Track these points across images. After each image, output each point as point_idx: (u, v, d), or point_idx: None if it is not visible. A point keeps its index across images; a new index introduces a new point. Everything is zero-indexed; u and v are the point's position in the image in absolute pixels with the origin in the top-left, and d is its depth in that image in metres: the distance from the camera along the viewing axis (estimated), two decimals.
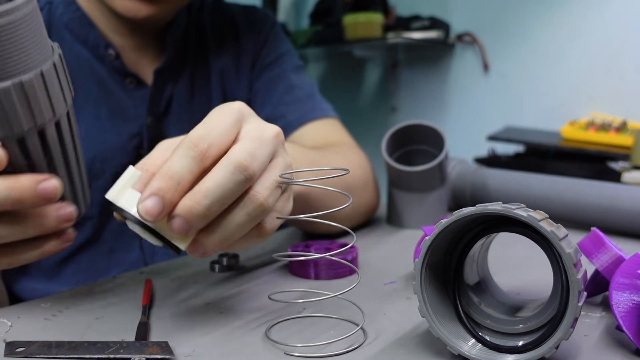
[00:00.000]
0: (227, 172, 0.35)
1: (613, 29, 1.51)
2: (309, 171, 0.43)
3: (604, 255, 0.40)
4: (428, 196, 0.70)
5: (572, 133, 1.15)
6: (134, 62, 0.73)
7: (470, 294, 0.37)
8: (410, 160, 0.74)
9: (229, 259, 0.54)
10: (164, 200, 0.34)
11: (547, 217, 0.34)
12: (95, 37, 0.69)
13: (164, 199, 0.34)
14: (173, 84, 0.75)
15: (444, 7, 1.80)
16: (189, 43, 0.78)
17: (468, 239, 0.37)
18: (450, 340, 0.34)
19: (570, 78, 1.59)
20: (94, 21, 0.69)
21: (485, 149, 1.26)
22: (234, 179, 0.35)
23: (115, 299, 0.46)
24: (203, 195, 0.35)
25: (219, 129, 0.37)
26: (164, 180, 0.35)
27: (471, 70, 1.79)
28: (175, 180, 0.35)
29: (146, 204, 0.34)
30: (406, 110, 1.95)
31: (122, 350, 0.35)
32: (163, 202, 0.34)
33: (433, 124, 0.70)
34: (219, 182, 0.35)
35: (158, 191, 0.34)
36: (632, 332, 0.35)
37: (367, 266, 0.55)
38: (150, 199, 0.34)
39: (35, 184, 0.37)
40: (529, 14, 1.65)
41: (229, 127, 0.37)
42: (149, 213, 0.34)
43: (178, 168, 0.35)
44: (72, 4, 0.69)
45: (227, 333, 0.39)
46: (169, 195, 0.35)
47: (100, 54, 0.70)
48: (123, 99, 0.71)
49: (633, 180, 0.82)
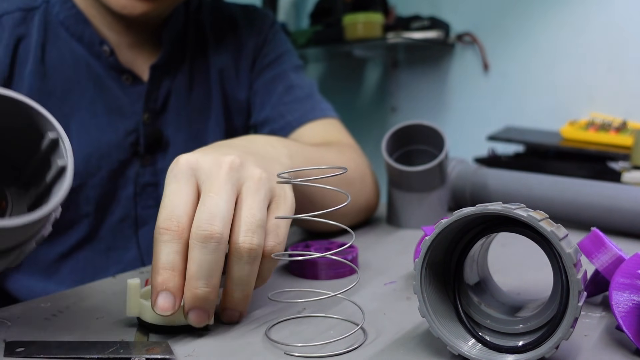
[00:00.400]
0: (199, 248, 0.37)
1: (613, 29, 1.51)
2: (307, 170, 0.43)
3: (604, 255, 0.40)
4: (428, 196, 0.70)
5: (572, 133, 1.15)
6: (129, 58, 0.73)
7: (470, 294, 0.37)
8: (410, 160, 0.74)
9: None
10: (170, 289, 0.37)
11: (547, 217, 0.34)
12: (91, 35, 0.69)
13: (170, 289, 0.37)
14: (170, 80, 0.75)
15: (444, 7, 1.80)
16: (187, 41, 0.78)
17: (468, 239, 0.37)
18: (450, 340, 0.34)
19: (570, 78, 1.59)
20: (90, 18, 0.69)
21: (485, 149, 1.26)
22: (208, 250, 0.37)
23: (115, 299, 0.46)
24: (195, 279, 0.37)
25: (180, 201, 0.38)
26: (159, 274, 0.37)
27: (471, 70, 1.79)
28: (168, 268, 0.37)
29: (158, 302, 0.37)
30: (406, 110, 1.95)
31: (122, 350, 0.35)
32: (171, 292, 0.37)
33: (433, 124, 0.70)
34: (198, 262, 0.37)
35: (161, 285, 0.37)
36: (632, 332, 0.35)
37: (367, 266, 0.55)
38: (159, 296, 0.37)
39: None
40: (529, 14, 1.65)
41: (187, 193, 0.39)
42: (165, 309, 0.37)
43: (164, 257, 0.37)
44: (68, 2, 0.69)
45: (227, 333, 0.39)
46: (172, 283, 0.37)
47: (96, 51, 0.70)
48: (119, 96, 0.71)
49: (633, 180, 0.82)
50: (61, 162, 0.32)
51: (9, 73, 0.65)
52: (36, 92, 0.67)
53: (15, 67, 0.66)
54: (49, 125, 0.32)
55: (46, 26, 0.68)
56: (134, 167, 0.73)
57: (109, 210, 0.73)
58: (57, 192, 0.31)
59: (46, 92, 0.67)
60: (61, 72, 0.68)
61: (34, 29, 0.67)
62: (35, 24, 0.67)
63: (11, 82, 0.66)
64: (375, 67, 2.02)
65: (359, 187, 0.68)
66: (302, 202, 0.53)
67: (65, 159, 0.32)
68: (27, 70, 0.66)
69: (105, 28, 0.70)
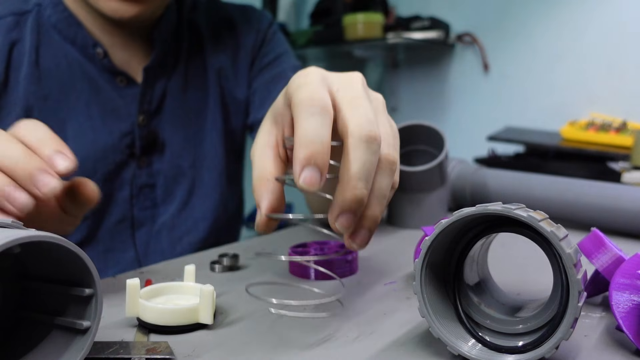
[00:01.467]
0: (363, 148, 0.35)
1: (613, 29, 1.51)
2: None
3: (604, 256, 0.40)
4: (428, 196, 0.70)
5: (572, 133, 1.15)
6: (123, 60, 0.73)
7: (470, 294, 0.37)
8: (410, 160, 0.74)
9: (230, 259, 0.54)
10: (318, 164, 0.34)
11: (547, 218, 0.34)
12: (84, 37, 0.69)
13: (318, 164, 0.34)
14: (165, 81, 0.75)
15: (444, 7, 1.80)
16: (181, 41, 0.78)
17: (468, 239, 0.37)
18: (450, 340, 0.34)
19: (570, 78, 1.59)
20: (82, 21, 0.69)
21: (485, 149, 1.26)
22: (371, 151, 0.35)
23: (115, 299, 0.46)
24: (357, 179, 0.35)
25: (322, 90, 0.37)
26: (307, 147, 0.34)
27: (471, 71, 1.79)
28: (318, 142, 0.34)
29: (304, 175, 0.34)
30: (406, 110, 1.95)
31: (122, 350, 0.35)
32: (319, 167, 0.34)
33: (433, 124, 0.70)
34: (362, 161, 0.35)
35: (310, 159, 0.34)
36: (632, 332, 0.35)
37: (367, 266, 0.55)
38: (306, 170, 0.34)
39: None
40: (529, 14, 1.65)
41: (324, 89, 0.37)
42: (312, 183, 0.34)
43: (313, 129, 0.34)
44: (59, 5, 0.69)
45: (227, 333, 0.39)
46: (320, 158, 0.34)
47: (89, 54, 0.70)
48: (114, 98, 0.71)
49: (633, 181, 0.82)
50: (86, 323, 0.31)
51: (4, 78, 0.65)
52: (32, 96, 0.67)
53: (10, 72, 0.66)
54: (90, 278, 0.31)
55: (39, 29, 0.68)
56: (130, 169, 0.73)
57: (106, 212, 0.73)
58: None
59: (42, 96, 0.67)
60: (56, 76, 0.68)
61: (27, 33, 0.67)
62: (28, 28, 0.67)
63: (7, 87, 0.66)
64: (375, 67, 2.02)
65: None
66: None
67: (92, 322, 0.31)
68: (23, 75, 0.66)
69: (97, 30, 0.70)
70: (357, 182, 0.35)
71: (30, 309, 0.34)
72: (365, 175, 0.35)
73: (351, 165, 0.35)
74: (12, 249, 0.28)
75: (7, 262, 0.33)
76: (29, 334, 0.33)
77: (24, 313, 0.34)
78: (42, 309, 0.33)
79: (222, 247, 0.64)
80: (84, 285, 0.31)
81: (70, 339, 0.32)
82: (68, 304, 0.32)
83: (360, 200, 0.35)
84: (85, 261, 0.30)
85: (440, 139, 0.70)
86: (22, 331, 0.34)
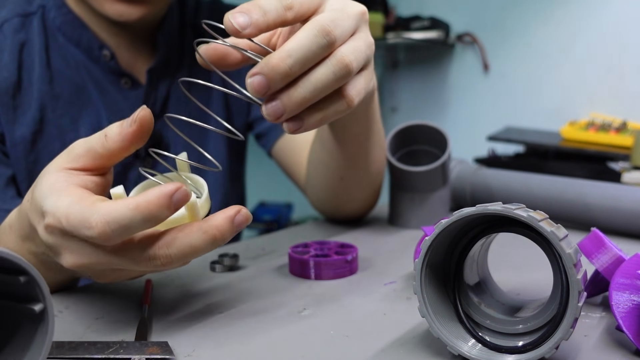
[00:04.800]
0: (310, 34, 0.36)
1: (613, 29, 1.51)
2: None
3: (604, 256, 0.40)
4: (430, 196, 0.70)
5: (572, 133, 1.15)
6: (129, 62, 0.73)
7: (470, 294, 0.37)
8: (412, 160, 0.74)
9: (230, 259, 0.54)
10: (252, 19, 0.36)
11: (547, 218, 0.34)
12: (89, 39, 0.69)
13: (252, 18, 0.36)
14: (168, 83, 0.75)
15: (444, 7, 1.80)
16: (185, 43, 0.78)
17: (468, 239, 0.37)
18: (450, 340, 0.34)
19: (570, 78, 1.59)
20: (87, 23, 0.69)
21: (485, 149, 1.26)
22: (317, 41, 0.36)
23: (115, 299, 0.46)
24: (287, 54, 0.36)
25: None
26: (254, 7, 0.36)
27: (471, 71, 1.79)
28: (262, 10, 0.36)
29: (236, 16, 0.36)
30: (406, 110, 1.95)
31: (122, 350, 0.35)
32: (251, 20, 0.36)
33: (436, 125, 0.70)
34: (302, 43, 0.36)
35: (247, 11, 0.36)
36: (632, 332, 0.35)
37: (367, 266, 0.55)
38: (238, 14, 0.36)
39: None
40: (529, 14, 1.66)
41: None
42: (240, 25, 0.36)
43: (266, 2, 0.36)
44: (63, 7, 0.69)
45: (227, 333, 0.39)
46: (256, 16, 0.36)
47: (95, 55, 0.70)
48: (119, 100, 0.71)
49: (633, 181, 0.82)
50: (38, 306, 0.30)
51: (17, 78, 0.66)
52: (46, 95, 0.67)
53: (22, 73, 0.66)
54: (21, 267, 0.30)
55: (46, 31, 0.68)
56: (135, 169, 0.73)
57: None
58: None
59: (54, 96, 0.68)
60: (66, 76, 0.69)
61: (34, 34, 0.68)
62: (35, 29, 0.68)
63: (20, 87, 0.66)
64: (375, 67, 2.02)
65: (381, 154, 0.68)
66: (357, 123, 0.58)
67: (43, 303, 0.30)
68: (36, 75, 0.67)
69: (103, 32, 0.70)
70: (285, 56, 0.36)
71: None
72: (298, 55, 0.36)
73: (289, 42, 0.36)
74: None
75: None
76: (1, 329, 0.33)
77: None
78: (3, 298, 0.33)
79: (222, 247, 0.64)
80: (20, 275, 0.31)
81: (35, 328, 0.31)
82: (21, 293, 0.32)
83: (280, 72, 0.36)
84: (5, 255, 0.29)
85: (443, 139, 0.70)
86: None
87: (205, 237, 0.35)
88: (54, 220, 0.35)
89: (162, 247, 0.35)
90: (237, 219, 0.36)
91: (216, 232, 0.35)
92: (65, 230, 0.35)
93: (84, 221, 0.34)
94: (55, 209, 0.35)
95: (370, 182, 0.69)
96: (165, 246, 0.35)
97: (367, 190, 0.70)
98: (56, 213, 0.35)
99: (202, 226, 0.35)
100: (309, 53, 0.36)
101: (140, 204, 0.33)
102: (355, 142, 0.61)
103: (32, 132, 0.66)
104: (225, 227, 0.35)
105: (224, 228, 0.35)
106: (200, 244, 0.35)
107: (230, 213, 0.35)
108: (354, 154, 0.63)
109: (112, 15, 0.65)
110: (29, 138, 0.66)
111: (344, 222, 0.74)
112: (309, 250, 0.54)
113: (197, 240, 0.35)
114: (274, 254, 0.60)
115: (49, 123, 0.67)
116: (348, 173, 0.65)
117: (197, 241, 0.35)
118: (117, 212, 0.33)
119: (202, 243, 0.35)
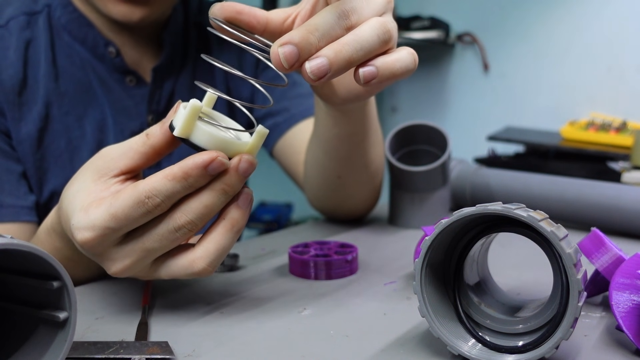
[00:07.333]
0: (332, 14, 0.38)
1: (613, 29, 1.51)
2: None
3: (604, 256, 0.40)
4: (430, 196, 0.70)
5: (572, 133, 1.15)
6: (135, 59, 0.73)
7: (470, 294, 0.37)
8: (410, 160, 0.74)
9: (230, 259, 0.54)
10: (299, 47, 0.37)
11: (547, 217, 0.34)
12: (94, 37, 0.69)
13: (299, 47, 0.37)
14: (173, 81, 0.75)
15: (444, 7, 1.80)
16: (189, 42, 0.78)
17: (468, 239, 0.37)
18: (450, 340, 0.34)
19: (570, 78, 1.59)
20: (92, 22, 0.70)
21: (485, 149, 1.26)
22: (339, 22, 0.38)
23: (115, 299, 0.46)
24: (314, 27, 0.37)
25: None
26: (302, 31, 0.37)
27: (471, 70, 1.79)
28: (318, 32, 0.37)
29: (285, 49, 0.37)
30: (406, 110, 1.95)
31: (122, 350, 0.35)
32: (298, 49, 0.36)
33: (436, 124, 0.70)
34: (325, 20, 0.37)
35: (297, 41, 0.36)
36: (632, 332, 0.35)
37: (367, 266, 0.55)
38: (286, 46, 0.36)
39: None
40: (529, 14, 1.66)
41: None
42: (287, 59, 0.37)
43: (321, 21, 0.37)
44: (69, 5, 0.69)
45: (227, 333, 0.39)
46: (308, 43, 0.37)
47: (100, 53, 0.70)
48: (124, 98, 0.72)
49: (633, 181, 0.82)
50: (63, 315, 0.31)
51: (23, 75, 0.66)
52: (51, 93, 0.67)
53: (28, 70, 0.67)
54: (55, 272, 0.31)
55: (51, 30, 0.69)
56: None
57: None
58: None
59: (60, 93, 0.68)
60: (71, 74, 0.69)
61: (40, 32, 0.68)
62: (41, 27, 0.68)
63: (26, 84, 0.66)
64: None
65: (379, 152, 0.68)
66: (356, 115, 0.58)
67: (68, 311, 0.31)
68: (42, 73, 0.67)
69: (108, 31, 0.71)
70: (313, 29, 0.37)
71: (10, 301, 0.34)
72: (322, 29, 0.37)
73: (314, 17, 0.37)
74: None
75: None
76: (15, 331, 0.33)
77: (4, 304, 0.34)
78: (22, 303, 0.33)
79: None
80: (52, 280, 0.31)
81: (54, 334, 0.32)
82: (44, 298, 0.32)
83: (307, 42, 0.36)
84: (45, 257, 0.30)
85: (443, 139, 0.70)
86: (8, 328, 0.34)
87: (214, 193, 0.37)
88: (94, 232, 0.38)
89: (181, 216, 0.38)
90: (241, 166, 0.38)
91: (223, 186, 0.37)
92: (112, 230, 0.37)
93: (134, 204, 0.36)
94: (94, 219, 0.38)
95: (368, 181, 0.69)
96: (184, 214, 0.38)
97: (366, 189, 0.70)
98: (95, 223, 0.37)
99: (209, 185, 0.38)
100: (331, 30, 0.37)
101: (176, 174, 0.36)
102: (352, 141, 0.61)
103: (38, 129, 0.66)
104: (233, 178, 0.38)
105: (230, 180, 0.37)
106: (214, 200, 0.37)
107: (234, 162, 0.37)
108: (351, 154, 0.63)
109: (115, 15, 0.65)
110: (34, 135, 0.66)
111: (344, 222, 0.74)
112: (309, 250, 0.54)
113: (208, 199, 0.37)
114: (274, 254, 0.60)
115: (55, 120, 0.68)
116: (345, 172, 0.65)
117: (209, 199, 0.37)
118: (158, 184, 0.36)
119: (214, 199, 0.37)
